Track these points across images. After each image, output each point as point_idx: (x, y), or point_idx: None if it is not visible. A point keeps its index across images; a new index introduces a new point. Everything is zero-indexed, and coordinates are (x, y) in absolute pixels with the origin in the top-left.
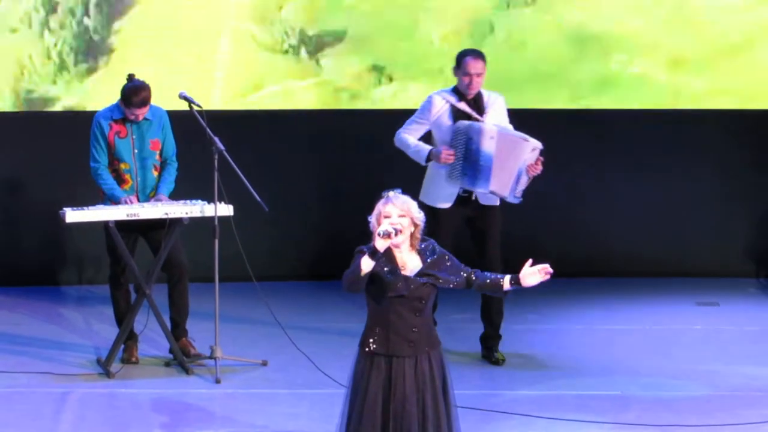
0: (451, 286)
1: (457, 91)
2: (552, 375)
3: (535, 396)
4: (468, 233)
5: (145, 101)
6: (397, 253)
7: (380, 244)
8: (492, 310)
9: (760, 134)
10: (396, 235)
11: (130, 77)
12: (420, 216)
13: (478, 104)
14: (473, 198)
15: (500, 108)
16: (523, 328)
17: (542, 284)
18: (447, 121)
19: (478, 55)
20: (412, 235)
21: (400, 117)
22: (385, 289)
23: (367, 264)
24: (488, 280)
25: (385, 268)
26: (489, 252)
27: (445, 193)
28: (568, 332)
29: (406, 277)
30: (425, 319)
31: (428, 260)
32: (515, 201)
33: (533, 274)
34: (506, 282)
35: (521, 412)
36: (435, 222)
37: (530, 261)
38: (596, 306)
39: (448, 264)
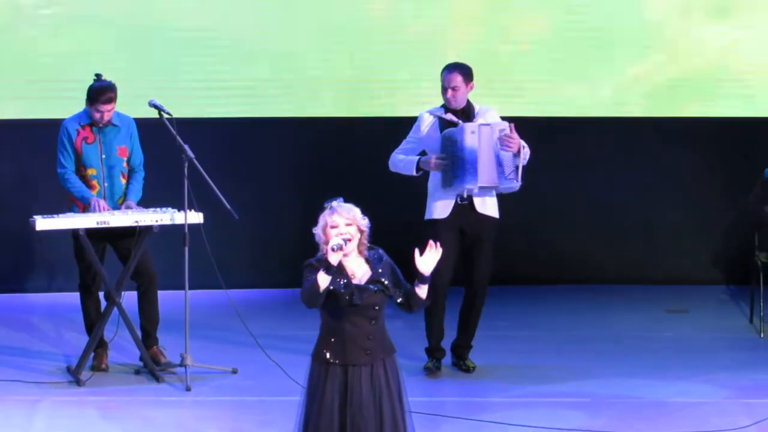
0: (399, 300)
1: (446, 107)
2: (522, 382)
3: (505, 403)
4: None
5: (111, 99)
6: (346, 261)
7: (333, 258)
8: (470, 321)
9: (728, 142)
10: (346, 245)
11: (98, 77)
12: (365, 222)
13: (466, 114)
14: (473, 204)
15: (491, 119)
16: (493, 336)
17: (512, 292)
18: (435, 133)
19: (452, 69)
20: (359, 241)
21: (375, 124)
22: (340, 301)
23: (323, 280)
24: (412, 294)
25: (338, 280)
26: (478, 273)
27: (443, 203)
28: (537, 339)
29: (358, 286)
30: (380, 326)
31: (377, 267)
32: (513, 184)
33: (424, 259)
34: (417, 288)
35: (492, 419)
36: (433, 232)
37: (416, 250)
38: (566, 313)
39: (396, 275)
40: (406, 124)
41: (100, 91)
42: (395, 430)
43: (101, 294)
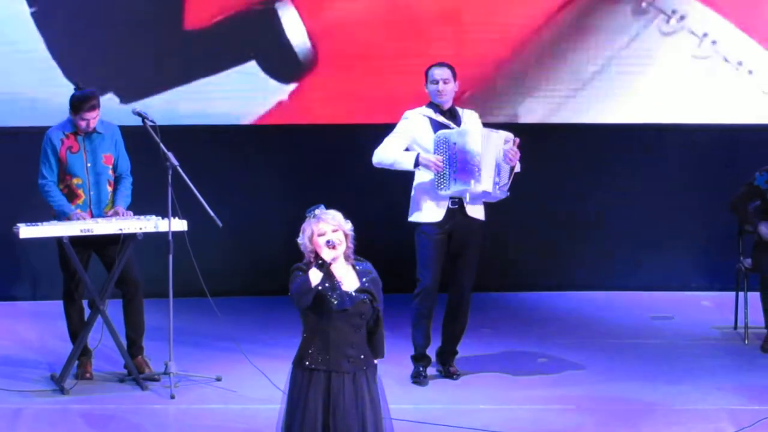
0: (373, 320)
1: (432, 105)
2: (507, 389)
3: (490, 410)
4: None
5: (94, 107)
6: (334, 267)
7: (328, 254)
8: (455, 329)
9: (714, 150)
10: (334, 248)
11: (77, 85)
12: (349, 226)
13: (454, 117)
14: (463, 207)
15: (475, 122)
16: (478, 343)
17: (497, 299)
18: (428, 133)
19: (442, 64)
20: (345, 245)
21: (360, 132)
22: (328, 304)
23: (315, 276)
24: (373, 341)
25: (326, 284)
26: (463, 279)
27: (434, 206)
28: (523, 346)
29: (347, 293)
30: (363, 336)
31: (364, 280)
32: (502, 195)
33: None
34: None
35: (478, 426)
36: (427, 237)
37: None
38: (552, 320)
39: (380, 291)
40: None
41: (84, 99)
42: None
43: (85, 302)
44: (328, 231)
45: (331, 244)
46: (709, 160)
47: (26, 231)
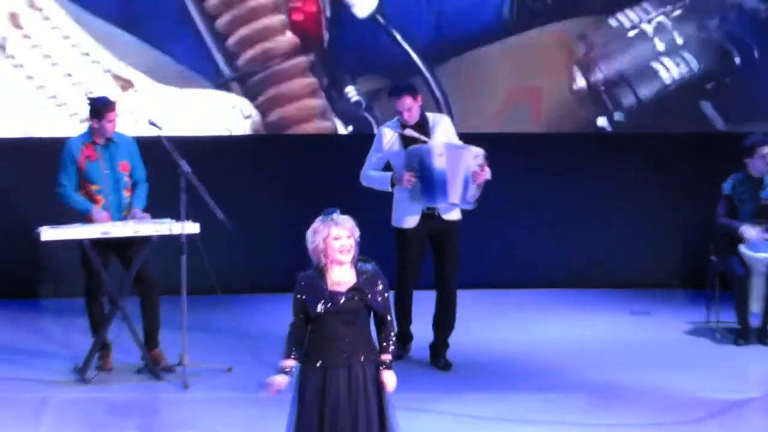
0: (379, 310)
1: (402, 123)
2: (494, 380)
3: (479, 398)
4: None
5: (114, 108)
6: (337, 269)
7: (341, 258)
8: (445, 323)
9: (686, 153)
10: (348, 252)
11: (89, 96)
12: (358, 233)
13: (423, 128)
14: (437, 214)
15: (446, 127)
16: (466, 338)
17: (485, 296)
18: (398, 148)
19: (400, 92)
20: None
21: (356, 141)
22: (317, 310)
23: (283, 379)
24: (380, 340)
25: (315, 296)
26: (447, 273)
27: (411, 213)
28: (508, 340)
29: (334, 294)
30: (357, 329)
31: (362, 277)
32: (468, 207)
33: (388, 380)
34: (384, 361)
35: (466, 413)
36: (404, 240)
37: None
38: (536, 315)
39: (380, 288)
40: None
41: (105, 103)
42: (368, 431)
43: (105, 299)
44: (344, 236)
45: (342, 257)
46: (687, 162)
47: (48, 233)
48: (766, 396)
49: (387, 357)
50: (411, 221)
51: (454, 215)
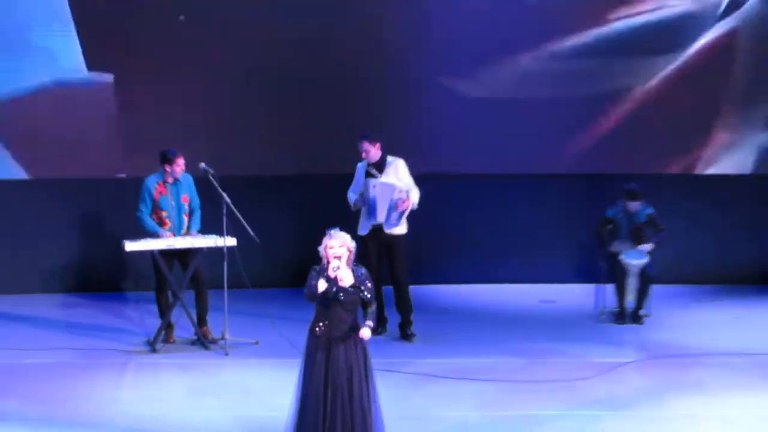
0: (361, 298)
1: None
2: (445, 347)
3: (434, 362)
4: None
5: (180, 156)
6: (339, 271)
7: (332, 274)
8: (404, 309)
9: (574, 192)
10: (339, 259)
11: (162, 151)
12: (352, 244)
13: (379, 166)
14: (382, 228)
15: (396, 168)
16: (426, 317)
17: (436, 290)
18: (362, 179)
19: (361, 139)
20: (348, 257)
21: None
22: (329, 295)
23: (322, 286)
24: (364, 316)
25: (330, 285)
26: (396, 274)
27: (365, 225)
28: (454, 324)
29: (342, 288)
30: (352, 315)
31: (357, 279)
32: (392, 227)
33: (364, 332)
34: (364, 327)
35: (425, 372)
36: (363, 245)
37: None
38: (473, 303)
39: (369, 285)
40: None
41: (175, 154)
42: (360, 389)
43: (170, 292)
44: (336, 246)
45: (335, 269)
46: (571, 200)
47: (130, 245)
48: (638, 360)
49: (368, 323)
50: (365, 230)
51: (397, 231)
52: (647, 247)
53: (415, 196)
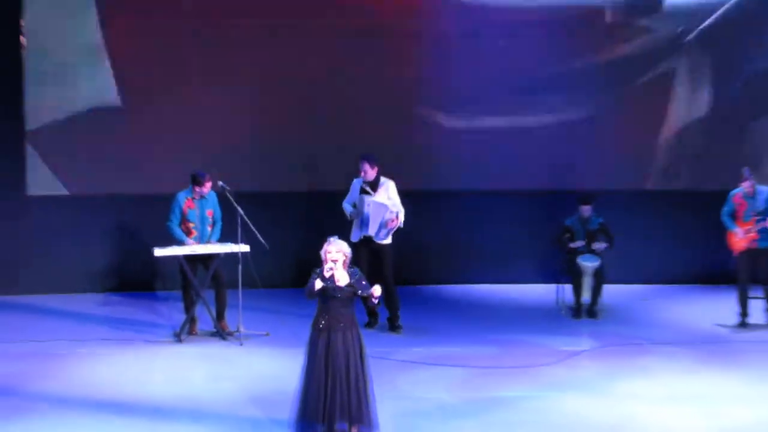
0: (359, 294)
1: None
2: (429, 338)
3: (420, 351)
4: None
5: (208, 179)
6: (335, 272)
7: (327, 274)
8: (392, 305)
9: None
10: (335, 263)
11: (194, 173)
12: (348, 250)
13: (373, 185)
14: (372, 239)
15: (387, 188)
16: (412, 312)
17: (420, 290)
18: (357, 194)
19: (361, 159)
20: (344, 261)
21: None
22: (328, 293)
23: (318, 284)
24: (364, 298)
25: (328, 283)
26: (384, 276)
27: (357, 234)
28: (431, 319)
29: (339, 287)
30: (349, 309)
31: (353, 279)
32: (381, 240)
33: (375, 290)
34: (375, 287)
35: (411, 360)
36: (355, 251)
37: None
38: (449, 302)
39: (363, 283)
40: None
41: (203, 176)
42: (356, 373)
43: (193, 292)
44: (333, 251)
45: (329, 269)
46: (533, 212)
47: (159, 251)
48: (592, 349)
49: (375, 287)
50: (356, 238)
51: (385, 241)
52: (599, 246)
53: (402, 216)
